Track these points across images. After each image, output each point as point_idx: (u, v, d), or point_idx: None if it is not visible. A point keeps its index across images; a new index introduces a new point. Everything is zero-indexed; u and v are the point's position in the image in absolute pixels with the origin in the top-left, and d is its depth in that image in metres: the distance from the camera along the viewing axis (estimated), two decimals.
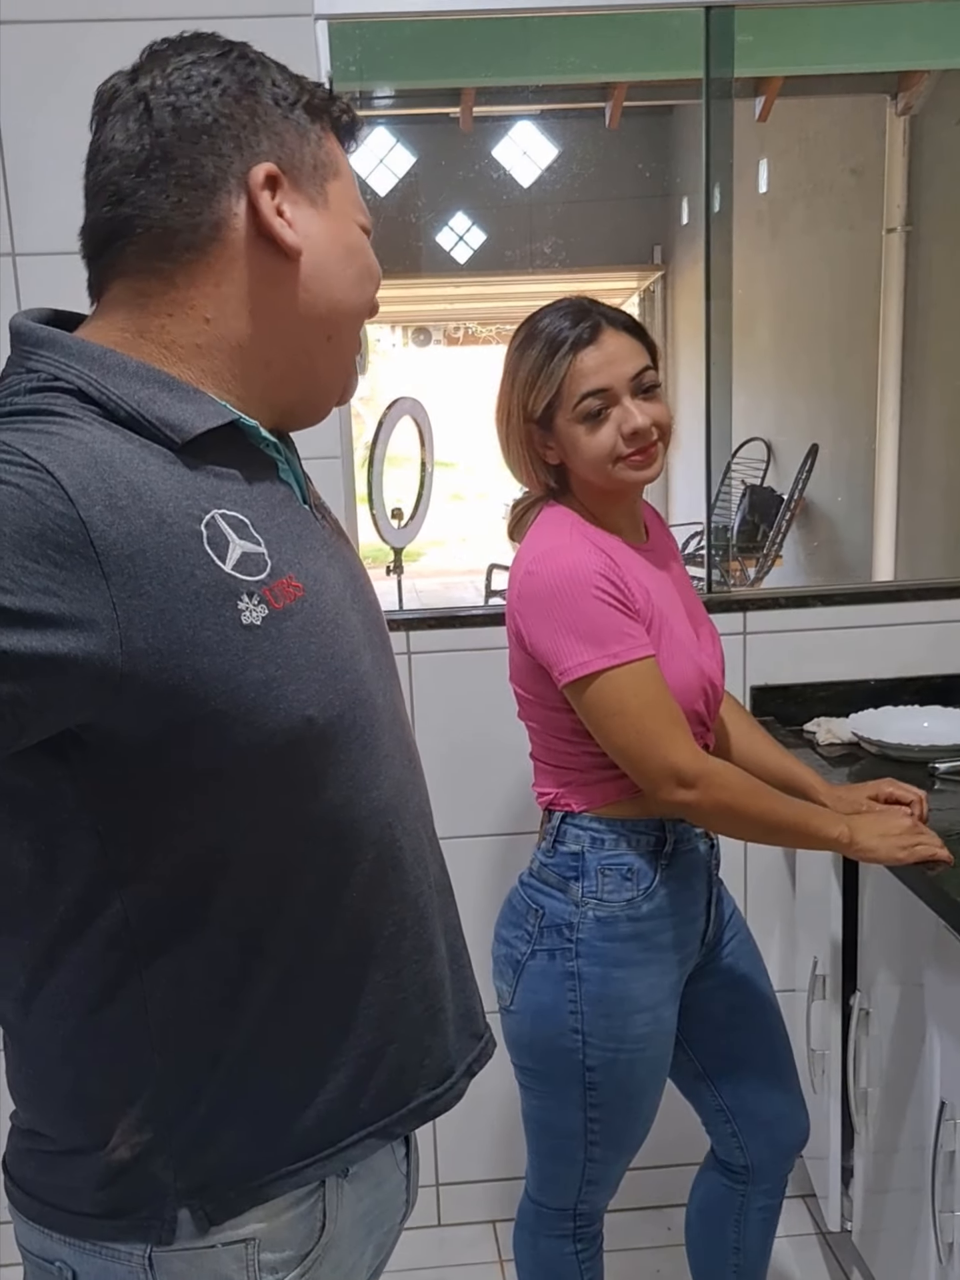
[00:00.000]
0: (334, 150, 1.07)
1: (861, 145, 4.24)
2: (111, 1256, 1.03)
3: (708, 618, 1.85)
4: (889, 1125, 2.07)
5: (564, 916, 1.74)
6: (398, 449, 2.84)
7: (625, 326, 1.69)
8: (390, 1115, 1.10)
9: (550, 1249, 1.91)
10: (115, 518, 0.87)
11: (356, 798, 1.04)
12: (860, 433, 4.17)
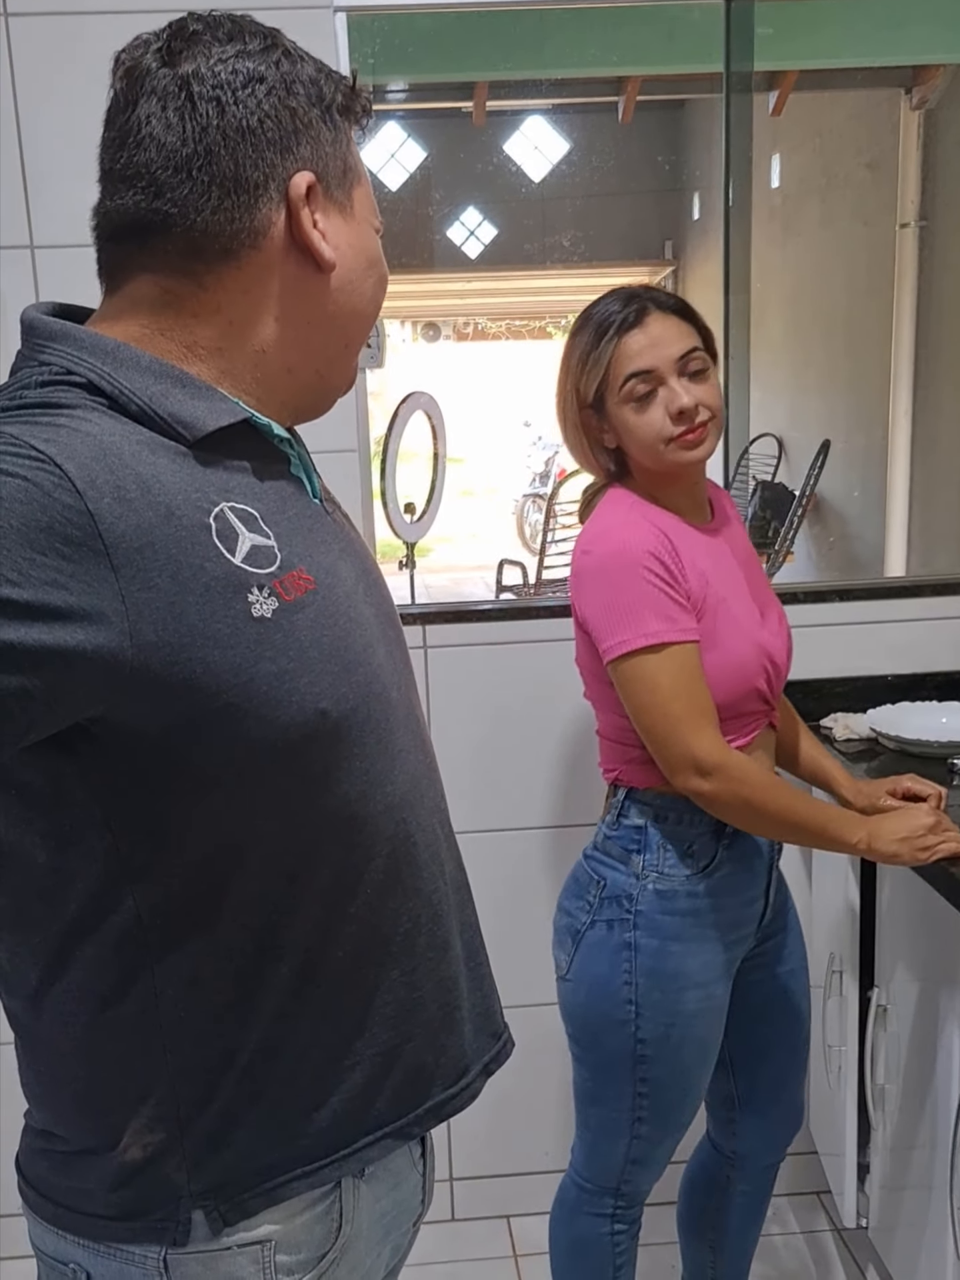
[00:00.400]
0: (357, 152, 1.06)
1: (876, 140, 4.23)
2: (126, 1259, 1.02)
3: (774, 598, 1.85)
4: (906, 1122, 2.06)
5: (624, 888, 1.75)
6: (408, 444, 2.84)
7: (674, 310, 1.70)
8: (407, 1115, 1.09)
9: (586, 1226, 1.90)
10: (124, 510, 0.87)
11: (371, 792, 1.03)
12: (873, 428, 4.17)
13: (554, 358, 1.81)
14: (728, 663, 1.69)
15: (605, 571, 1.67)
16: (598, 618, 1.68)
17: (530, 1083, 2.52)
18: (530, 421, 9.63)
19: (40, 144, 2.10)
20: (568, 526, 5.74)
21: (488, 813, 2.44)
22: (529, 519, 8.29)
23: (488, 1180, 2.60)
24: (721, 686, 1.68)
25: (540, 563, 5.45)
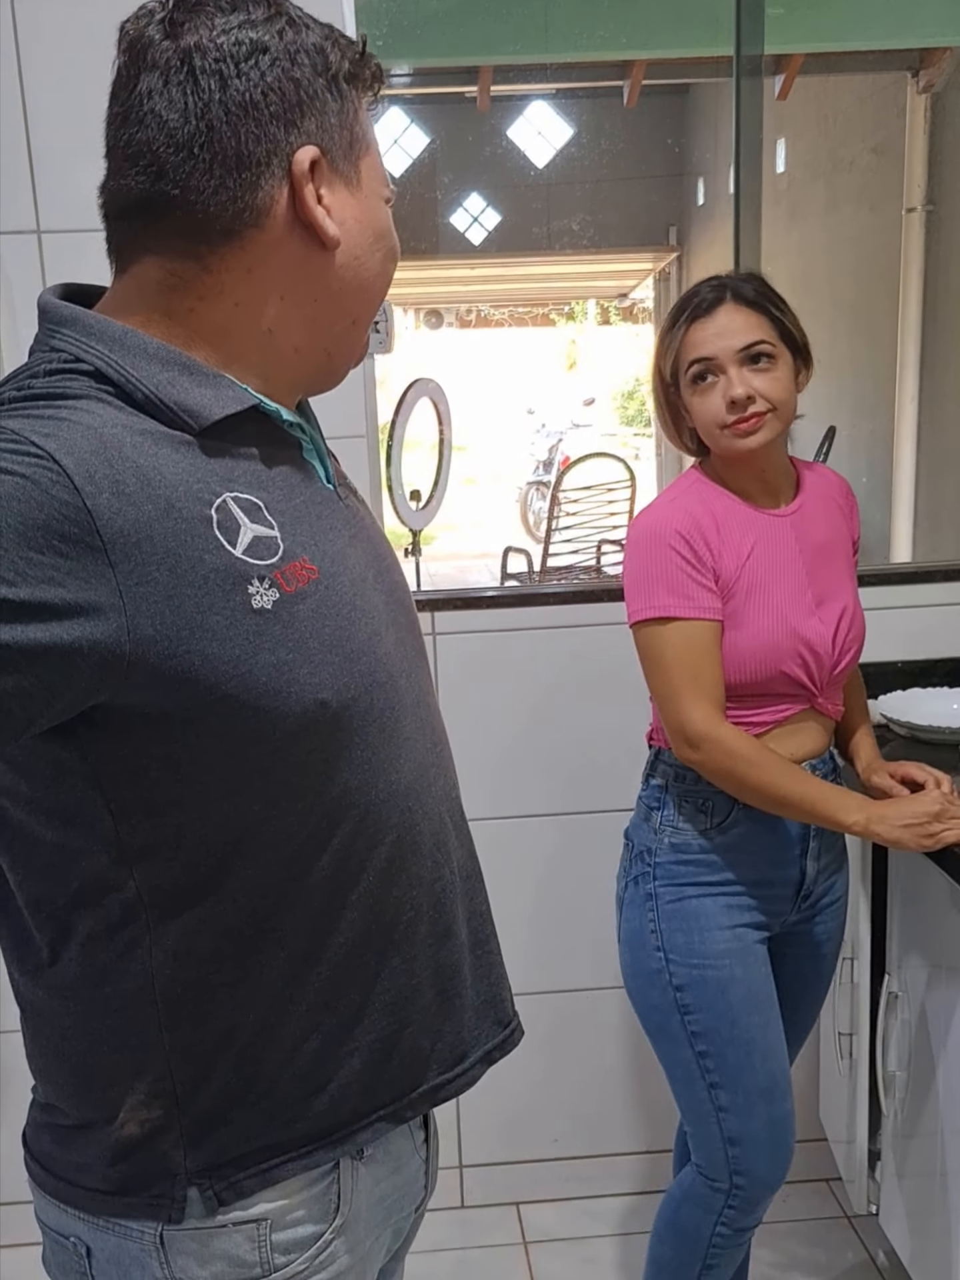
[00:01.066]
0: (366, 121, 1.03)
1: (882, 124, 4.20)
2: (123, 1234, 1.03)
3: (847, 590, 1.87)
4: (917, 1109, 2.06)
5: (646, 844, 1.85)
6: (412, 432, 2.83)
7: (750, 301, 1.75)
8: (401, 1100, 1.09)
9: (690, 1217, 1.91)
10: (122, 504, 0.87)
11: (374, 781, 1.03)
12: (879, 414, 4.15)
13: (557, 345, 1.84)
14: (752, 643, 1.75)
15: (638, 544, 1.78)
16: (626, 585, 1.79)
17: (541, 1070, 2.52)
18: (534, 409, 9.62)
19: (46, 127, 2.09)
20: (572, 514, 5.73)
21: (497, 800, 2.43)
22: (533, 506, 8.28)
23: (497, 1167, 2.60)
24: (744, 664, 1.75)
25: (545, 550, 5.45)
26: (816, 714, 1.84)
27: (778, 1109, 1.83)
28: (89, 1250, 1.05)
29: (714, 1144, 1.85)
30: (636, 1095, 2.60)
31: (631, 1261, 2.44)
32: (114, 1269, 1.04)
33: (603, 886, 2.03)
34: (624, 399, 10.42)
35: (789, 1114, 1.85)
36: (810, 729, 1.83)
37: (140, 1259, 1.03)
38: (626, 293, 8.03)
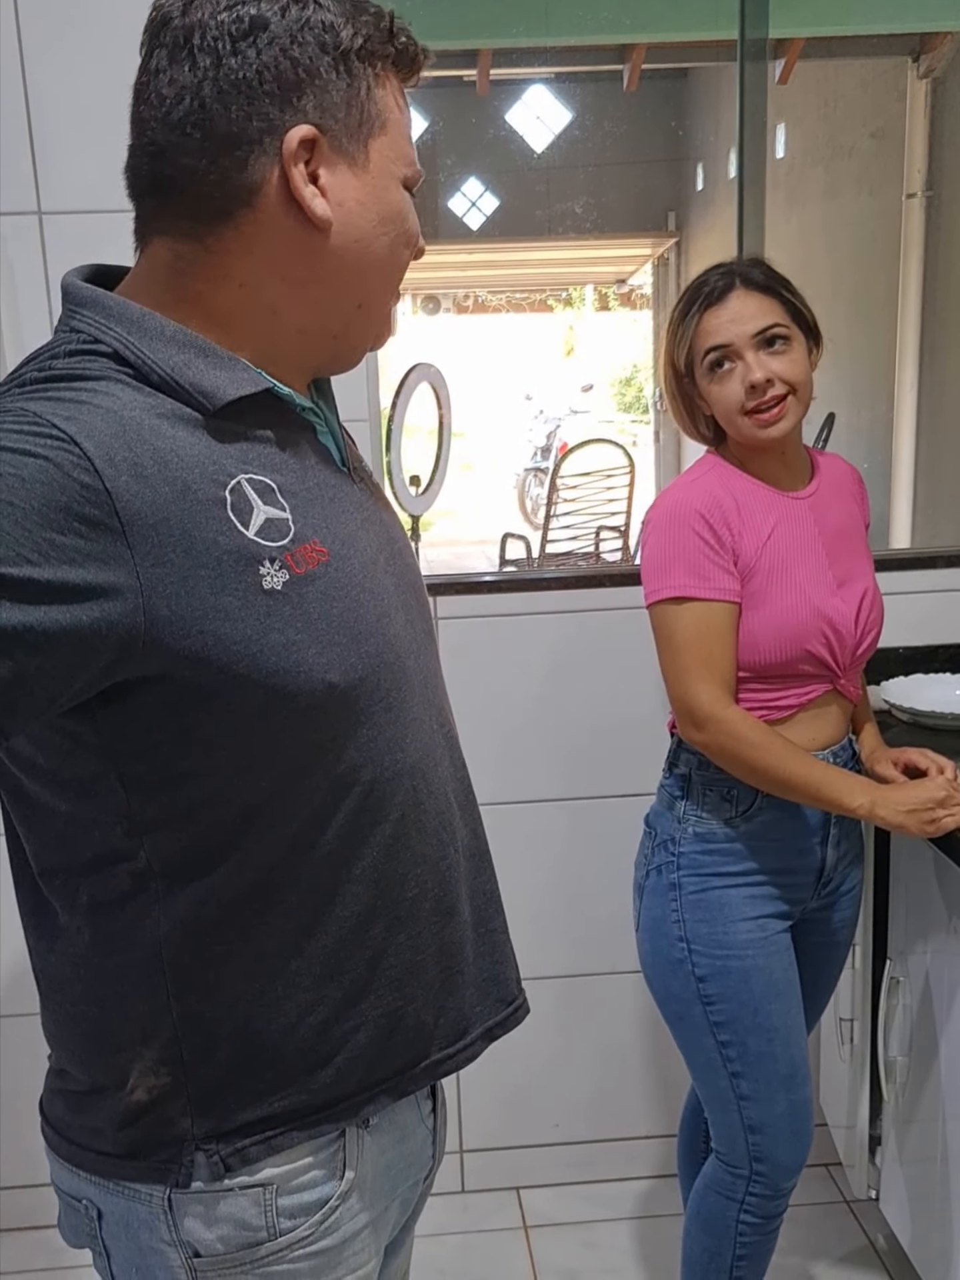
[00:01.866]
0: (386, 98, 1.01)
1: (882, 109, 4.19)
2: (133, 1197, 1.06)
3: (867, 574, 1.88)
4: (918, 1094, 2.06)
5: (670, 833, 1.85)
6: (410, 418, 2.82)
7: (760, 286, 1.75)
8: (404, 1074, 1.11)
9: (714, 1206, 1.91)
10: (140, 487, 0.88)
11: (380, 759, 1.04)
12: (878, 401, 4.14)
13: (555, 331, 1.84)
14: (774, 622, 1.76)
15: (657, 524, 1.78)
16: (644, 566, 1.79)
17: (541, 1055, 2.53)
18: (532, 395, 9.60)
19: (48, 107, 2.07)
20: (570, 501, 5.72)
21: (501, 784, 2.43)
22: (530, 493, 8.27)
23: (498, 1152, 2.60)
24: (766, 644, 1.76)
25: (544, 537, 5.45)
26: (839, 696, 1.84)
27: (798, 1095, 1.84)
28: (100, 1213, 1.08)
29: (735, 1131, 1.85)
30: (638, 1080, 2.60)
31: (631, 1246, 2.45)
32: (123, 1231, 1.07)
33: (606, 870, 2.04)
34: (622, 385, 10.40)
35: (808, 1100, 1.86)
36: (833, 713, 1.85)
37: (149, 1221, 1.05)
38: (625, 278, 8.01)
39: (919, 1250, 2.11)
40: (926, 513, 3.87)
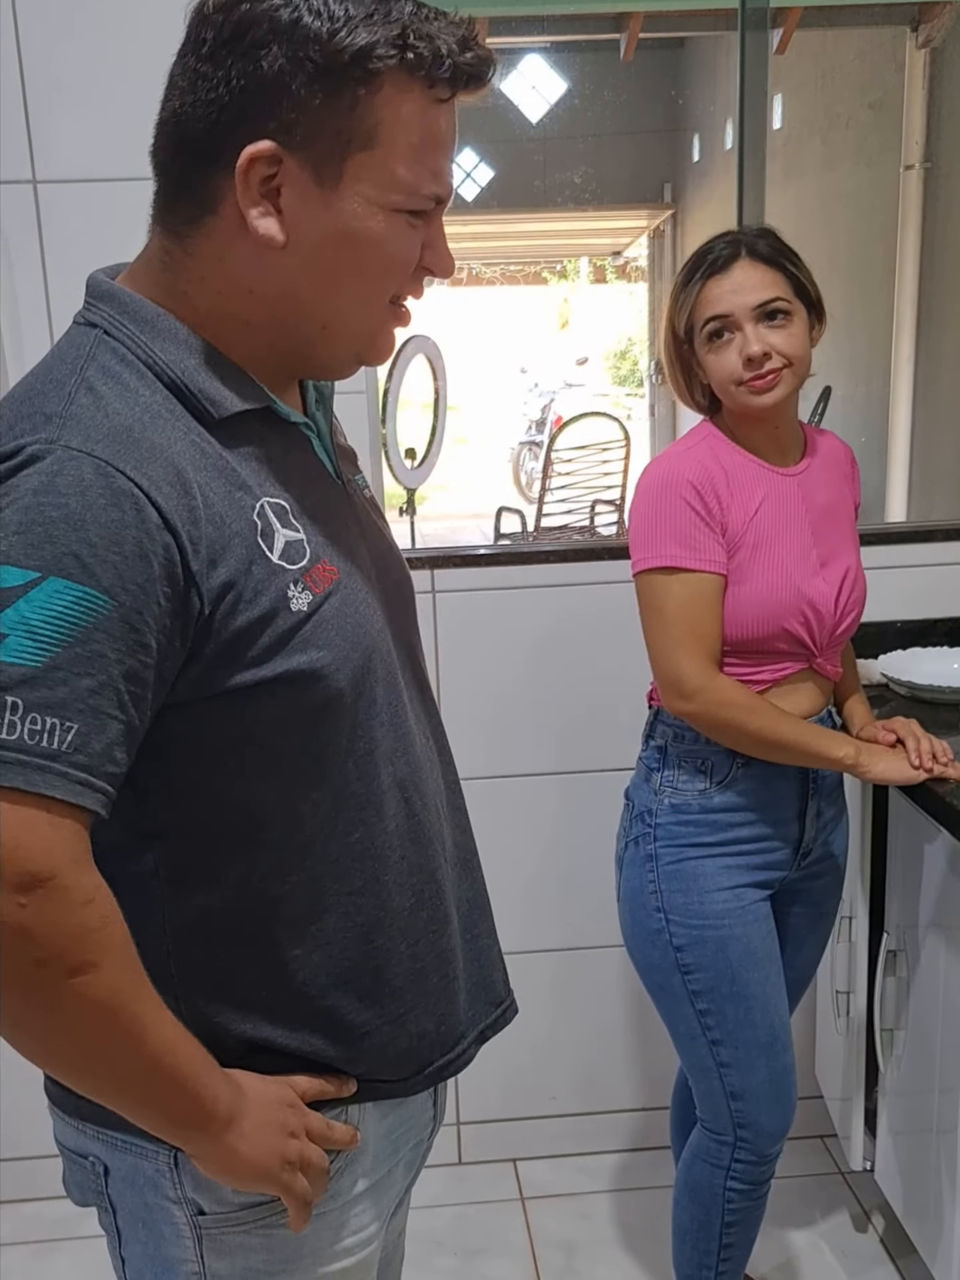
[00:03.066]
0: (383, 111, 0.93)
1: (880, 79, 4.16)
2: (140, 1154, 1.07)
3: (851, 552, 1.88)
4: (915, 1066, 2.07)
5: (646, 804, 1.85)
6: (406, 391, 2.81)
7: (764, 257, 1.74)
8: (405, 1080, 1.14)
9: (701, 1174, 1.92)
10: (198, 534, 0.92)
11: (378, 771, 1.07)
12: (875, 374, 4.13)
13: (550, 304, 1.83)
14: (755, 599, 1.75)
15: (647, 491, 1.77)
16: (632, 533, 1.78)
17: (539, 1028, 2.53)
18: (526, 368, 9.56)
19: (43, 75, 2.04)
20: (565, 474, 5.71)
21: (495, 758, 2.43)
22: (525, 467, 8.24)
23: (495, 1124, 2.61)
24: (745, 620, 1.76)
25: (539, 510, 5.43)
26: (815, 674, 1.84)
27: (778, 1062, 1.85)
28: (106, 1169, 1.09)
29: (717, 1099, 1.87)
30: (633, 1053, 2.61)
31: (626, 1218, 2.46)
32: (129, 1188, 1.09)
33: (601, 844, 2.03)
34: (617, 359, 10.36)
35: (790, 1067, 1.87)
36: (808, 689, 1.85)
37: (154, 1180, 1.07)
38: (620, 250, 7.97)
39: (914, 1221, 2.12)
40: (923, 486, 3.87)
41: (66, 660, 0.86)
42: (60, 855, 0.87)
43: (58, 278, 2.09)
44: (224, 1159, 1.00)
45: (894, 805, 2.08)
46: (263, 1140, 1.01)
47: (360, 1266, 1.15)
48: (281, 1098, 1.04)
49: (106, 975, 0.89)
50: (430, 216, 1.00)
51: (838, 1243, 2.37)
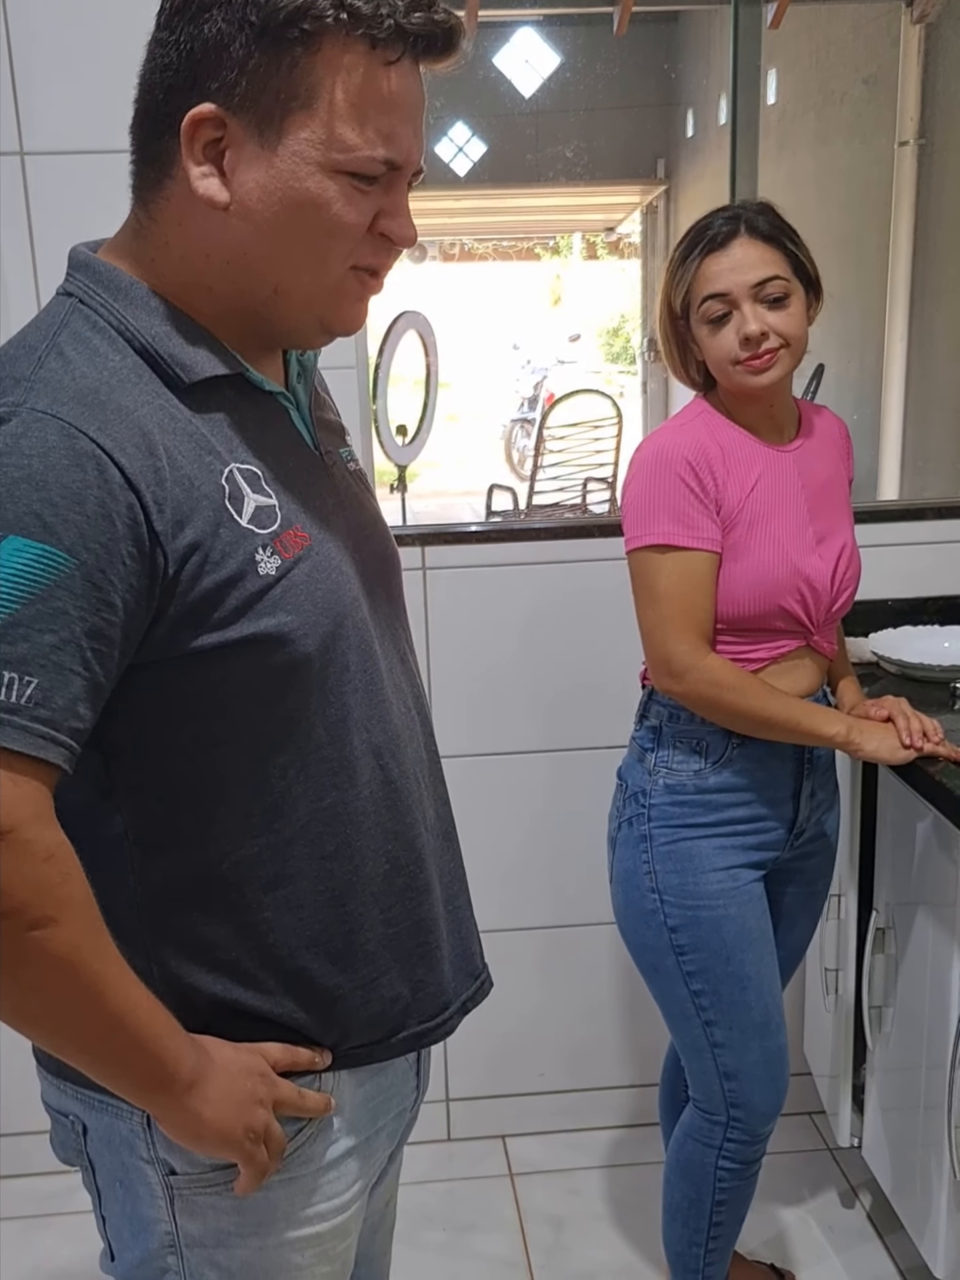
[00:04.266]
0: (321, 70, 0.93)
1: (874, 54, 4.13)
2: (115, 1113, 1.08)
3: (846, 529, 1.87)
4: (902, 1043, 2.08)
5: (640, 785, 1.85)
6: (398, 367, 2.79)
7: (764, 234, 1.73)
8: (378, 1043, 1.14)
9: (693, 1153, 1.93)
10: (163, 495, 0.93)
11: (349, 738, 1.07)
12: (868, 352, 4.11)
13: (542, 280, 1.81)
14: (751, 576, 1.75)
15: (642, 467, 1.76)
16: (626, 510, 1.77)
17: (528, 1005, 2.54)
18: (518, 345, 9.53)
19: (30, 46, 2.02)
20: (557, 452, 5.69)
21: (482, 735, 2.43)
22: (517, 444, 8.22)
23: (484, 1100, 2.62)
24: (742, 597, 1.75)
25: (531, 488, 5.42)
26: (812, 652, 1.84)
27: (772, 1043, 1.85)
28: (85, 1128, 1.11)
29: (710, 1079, 1.87)
30: (622, 1030, 2.62)
31: (615, 1194, 2.47)
32: (106, 1147, 1.10)
33: (591, 821, 2.03)
34: (609, 336, 10.33)
35: (783, 1047, 1.87)
36: (805, 667, 1.84)
37: (129, 1140, 1.08)
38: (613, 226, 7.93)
39: (900, 1197, 2.13)
40: (915, 464, 3.86)
41: (28, 617, 0.87)
42: (21, 809, 0.88)
43: (45, 250, 2.07)
44: (186, 1123, 1.02)
45: (884, 783, 2.08)
46: (228, 1107, 1.02)
47: (334, 1232, 1.16)
48: (252, 1067, 1.05)
49: (66, 931, 0.91)
50: (390, 183, 1.00)
51: (825, 1218, 2.38)
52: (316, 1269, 1.15)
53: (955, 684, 2.12)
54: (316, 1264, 1.15)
